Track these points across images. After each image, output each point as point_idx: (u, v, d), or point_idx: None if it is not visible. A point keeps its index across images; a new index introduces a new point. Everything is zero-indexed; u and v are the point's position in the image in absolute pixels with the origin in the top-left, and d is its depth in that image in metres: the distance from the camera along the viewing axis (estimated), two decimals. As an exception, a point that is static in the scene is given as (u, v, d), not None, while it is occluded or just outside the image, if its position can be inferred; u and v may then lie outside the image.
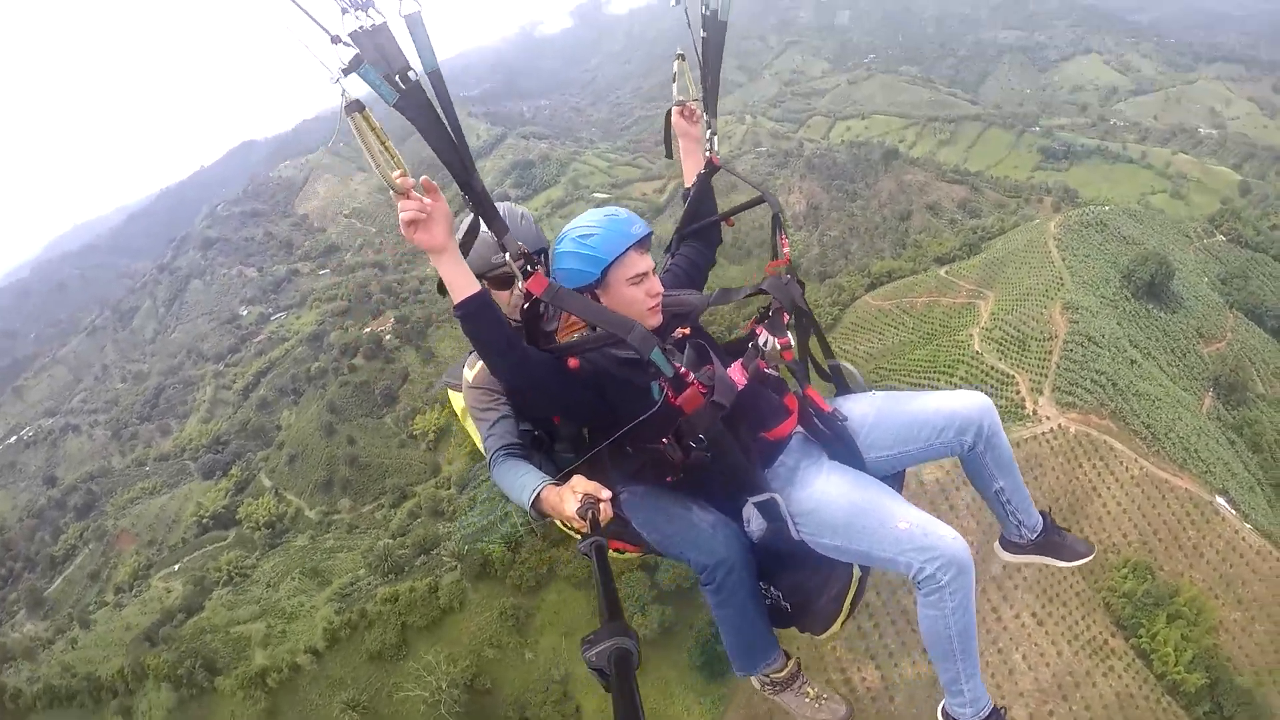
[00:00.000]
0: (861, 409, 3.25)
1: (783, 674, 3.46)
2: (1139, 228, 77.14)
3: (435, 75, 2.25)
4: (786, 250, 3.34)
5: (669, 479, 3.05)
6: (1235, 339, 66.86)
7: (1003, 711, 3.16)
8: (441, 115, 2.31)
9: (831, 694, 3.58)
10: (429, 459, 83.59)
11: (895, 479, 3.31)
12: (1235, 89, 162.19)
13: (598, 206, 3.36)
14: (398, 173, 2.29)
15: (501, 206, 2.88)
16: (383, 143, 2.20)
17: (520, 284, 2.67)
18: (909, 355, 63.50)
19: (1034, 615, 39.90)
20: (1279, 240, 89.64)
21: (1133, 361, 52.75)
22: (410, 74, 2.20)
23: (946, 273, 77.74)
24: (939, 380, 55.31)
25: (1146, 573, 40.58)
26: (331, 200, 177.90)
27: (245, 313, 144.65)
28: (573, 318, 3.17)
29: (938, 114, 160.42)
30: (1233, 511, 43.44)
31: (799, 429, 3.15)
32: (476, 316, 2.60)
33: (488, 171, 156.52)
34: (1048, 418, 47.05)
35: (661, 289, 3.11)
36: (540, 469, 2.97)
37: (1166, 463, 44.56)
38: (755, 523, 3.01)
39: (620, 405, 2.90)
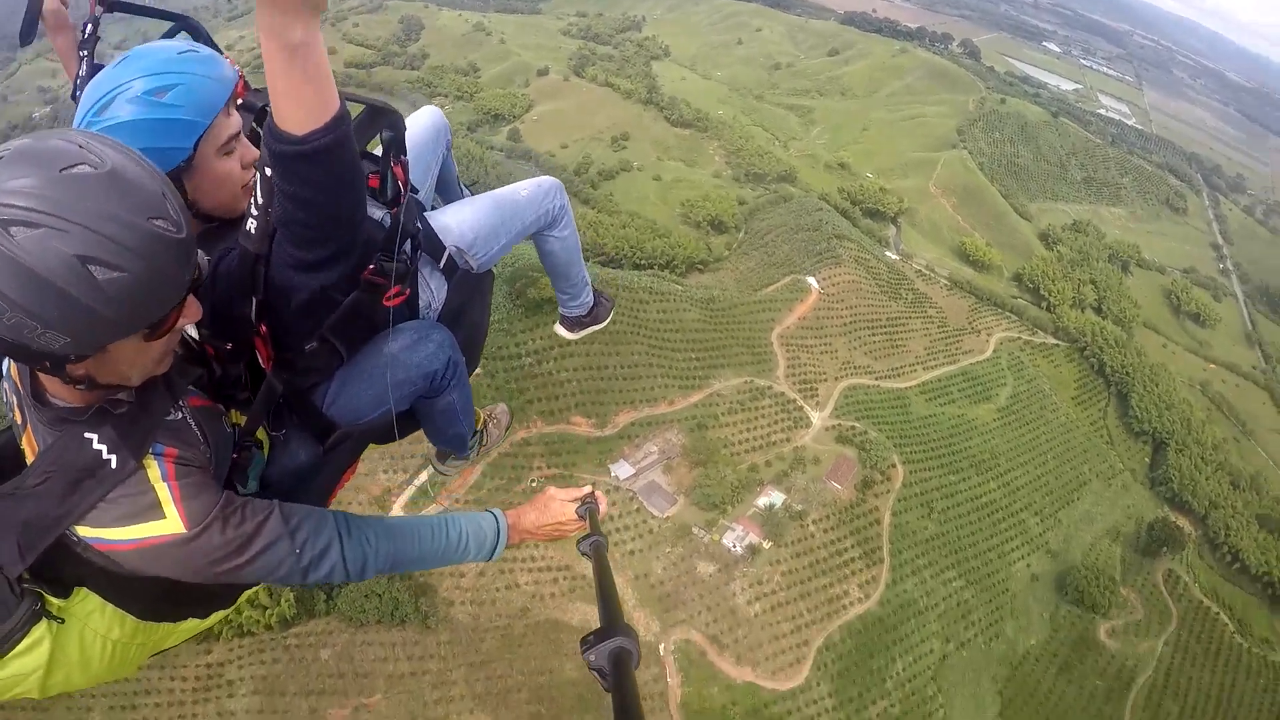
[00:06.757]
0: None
1: (482, 421, 4.02)
2: None
3: None
4: (238, 68, 2.78)
5: (390, 303, 2.56)
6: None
7: (602, 294, 4.37)
8: None
9: (491, 406, 4.28)
10: None
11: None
12: (57, 58, 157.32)
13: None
14: None
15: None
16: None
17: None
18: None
19: None
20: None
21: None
22: None
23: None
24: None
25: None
26: None
27: None
28: None
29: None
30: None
31: None
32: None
33: None
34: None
35: (256, 152, 2.41)
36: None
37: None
38: (437, 295, 3.06)
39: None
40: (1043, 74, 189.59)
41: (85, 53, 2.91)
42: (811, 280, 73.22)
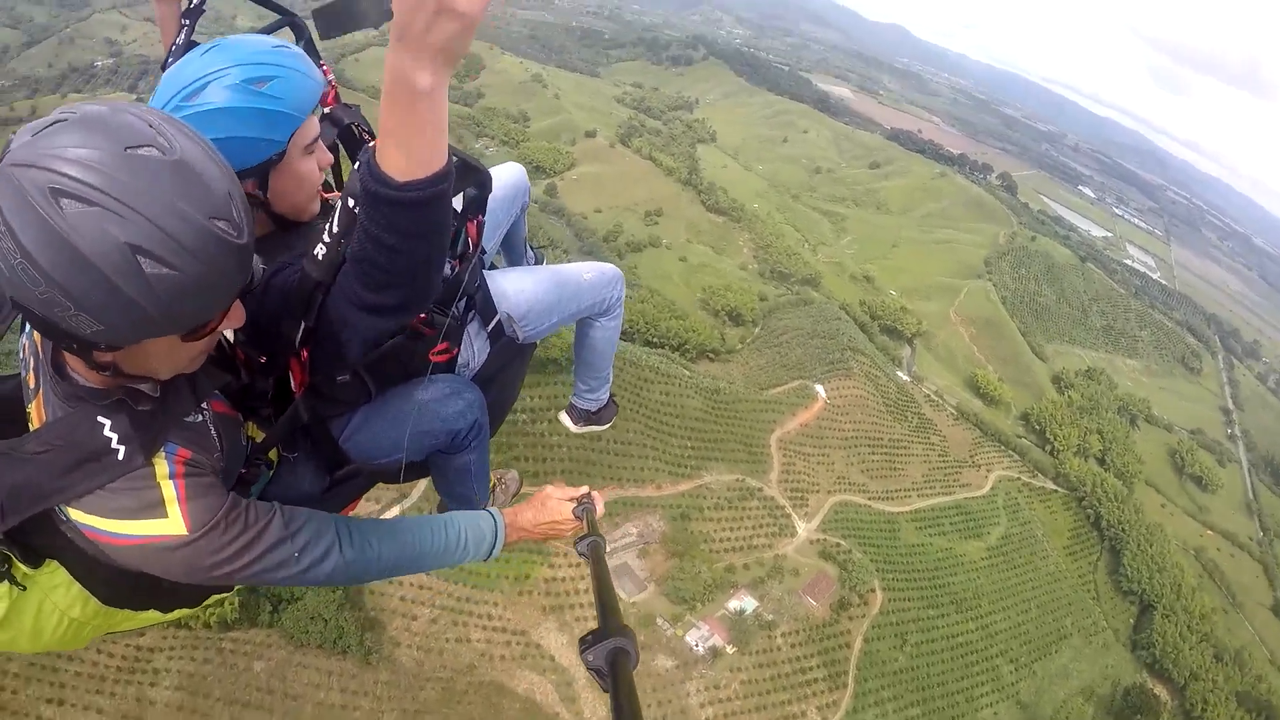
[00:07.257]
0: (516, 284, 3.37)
1: (493, 484, 3.87)
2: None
3: None
4: (331, 78, 2.86)
5: (435, 358, 2.78)
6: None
7: (612, 396, 4.39)
8: None
9: (503, 471, 4.08)
10: None
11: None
12: (131, 13, 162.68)
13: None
14: None
15: None
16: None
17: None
18: None
19: None
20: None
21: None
22: None
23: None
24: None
25: None
26: None
27: None
28: None
29: None
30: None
31: None
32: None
33: None
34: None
35: (331, 157, 2.60)
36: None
37: None
38: (477, 356, 3.11)
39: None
40: (1075, 217, 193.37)
41: (187, 23, 2.88)
42: (819, 388, 73.60)
